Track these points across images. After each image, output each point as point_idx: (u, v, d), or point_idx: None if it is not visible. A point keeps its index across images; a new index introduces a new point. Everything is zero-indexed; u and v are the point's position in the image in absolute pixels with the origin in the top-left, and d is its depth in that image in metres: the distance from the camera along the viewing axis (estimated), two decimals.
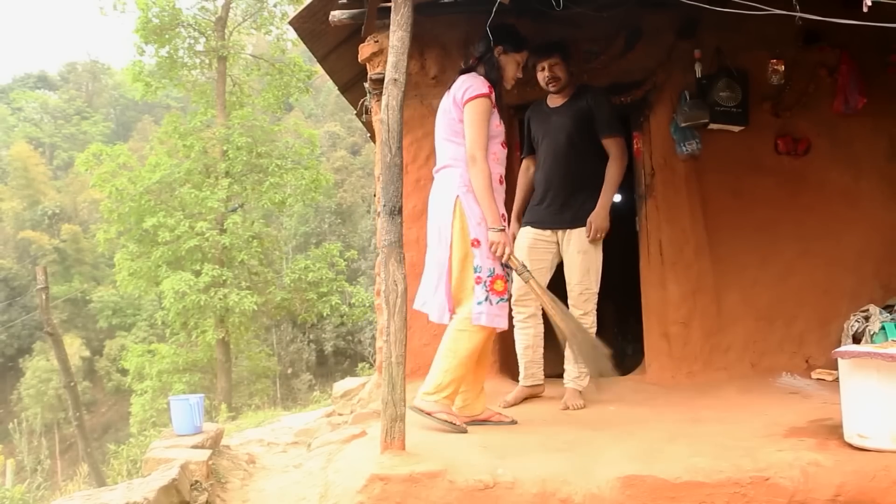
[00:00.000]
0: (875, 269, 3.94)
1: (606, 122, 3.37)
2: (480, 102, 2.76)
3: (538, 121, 3.53)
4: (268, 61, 16.22)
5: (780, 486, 2.16)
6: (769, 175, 3.97)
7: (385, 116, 2.39)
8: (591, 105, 3.37)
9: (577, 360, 2.99)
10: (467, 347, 2.72)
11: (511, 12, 3.68)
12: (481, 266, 2.72)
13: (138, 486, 2.13)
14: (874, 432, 2.29)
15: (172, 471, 2.24)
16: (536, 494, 2.13)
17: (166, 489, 2.13)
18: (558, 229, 3.37)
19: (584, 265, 3.29)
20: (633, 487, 2.15)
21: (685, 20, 3.85)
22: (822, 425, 2.64)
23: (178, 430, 2.96)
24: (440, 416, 2.67)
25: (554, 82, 3.39)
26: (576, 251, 3.30)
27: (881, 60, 3.90)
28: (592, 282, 3.31)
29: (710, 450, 2.37)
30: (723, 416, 2.97)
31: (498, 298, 2.73)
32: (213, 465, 2.67)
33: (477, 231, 2.73)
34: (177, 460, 2.37)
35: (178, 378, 14.67)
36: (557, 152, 3.38)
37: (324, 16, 4.05)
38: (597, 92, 3.47)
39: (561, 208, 3.35)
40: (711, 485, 2.16)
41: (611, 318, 6.11)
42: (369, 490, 2.18)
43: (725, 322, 3.89)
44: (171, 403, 3.01)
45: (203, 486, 2.36)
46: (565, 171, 3.36)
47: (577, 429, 2.81)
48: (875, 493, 2.16)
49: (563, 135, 3.37)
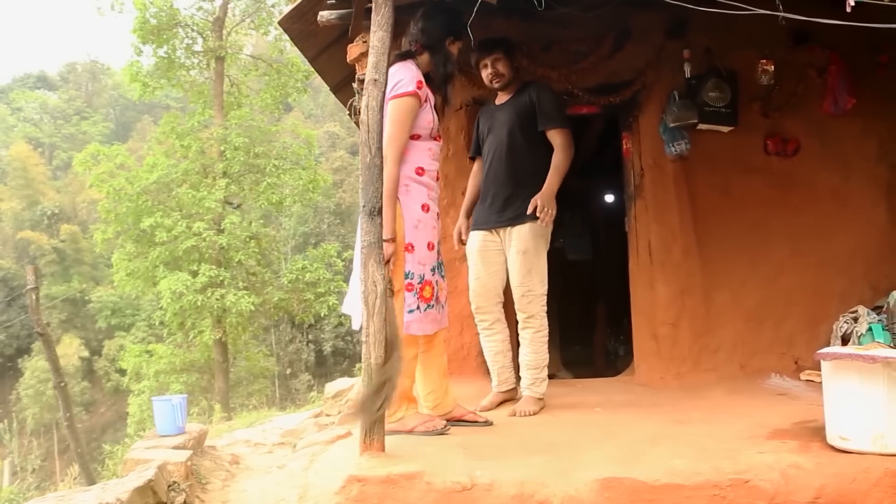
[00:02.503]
0: (865, 270, 3.93)
1: (548, 113, 3.24)
2: (406, 102, 2.62)
3: (485, 120, 3.46)
4: (265, 61, 16.21)
5: (760, 489, 2.15)
6: (758, 175, 3.96)
7: (365, 117, 2.38)
8: (534, 98, 3.25)
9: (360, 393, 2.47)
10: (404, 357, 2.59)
11: (499, 13, 3.70)
12: (413, 272, 2.65)
13: (113, 486, 2.12)
14: (855, 434, 2.29)
15: (149, 471, 2.23)
16: (514, 496, 2.12)
17: (141, 490, 2.12)
18: (500, 228, 3.27)
19: (526, 265, 3.16)
20: (612, 490, 2.14)
21: (674, 20, 3.84)
22: (805, 427, 2.63)
23: (160, 431, 2.96)
24: (419, 430, 2.64)
25: (497, 79, 3.32)
26: (516, 251, 3.19)
27: (871, 61, 3.89)
28: (536, 283, 3.17)
29: (691, 452, 2.36)
30: (708, 418, 2.96)
31: (426, 305, 2.67)
32: (195, 465, 2.66)
33: (413, 235, 2.66)
34: (154, 461, 2.36)
35: (175, 378, 14.65)
36: (500, 149, 3.29)
37: (313, 16, 4.03)
38: (539, 85, 3.37)
39: (502, 206, 3.24)
40: (690, 487, 2.15)
41: (603, 319, 6.13)
42: (347, 491, 2.17)
43: (714, 323, 3.88)
44: (153, 404, 3.00)
45: (181, 487, 2.35)
46: (507, 168, 3.26)
47: (559, 430, 2.80)
48: (855, 496, 2.15)
49: (504, 131, 3.27)
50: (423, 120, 2.71)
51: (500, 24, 3.77)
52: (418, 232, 2.67)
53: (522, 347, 3.23)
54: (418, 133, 2.71)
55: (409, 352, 2.68)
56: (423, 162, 2.72)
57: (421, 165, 2.71)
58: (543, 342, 3.21)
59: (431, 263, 2.73)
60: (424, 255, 2.69)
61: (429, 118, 2.73)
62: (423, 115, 2.71)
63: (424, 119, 2.71)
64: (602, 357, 5.95)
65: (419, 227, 2.68)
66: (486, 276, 3.30)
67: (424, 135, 2.74)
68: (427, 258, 2.70)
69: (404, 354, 2.60)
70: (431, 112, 2.75)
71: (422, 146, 2.73)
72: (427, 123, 2.72)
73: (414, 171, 2.70)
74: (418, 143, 2.72)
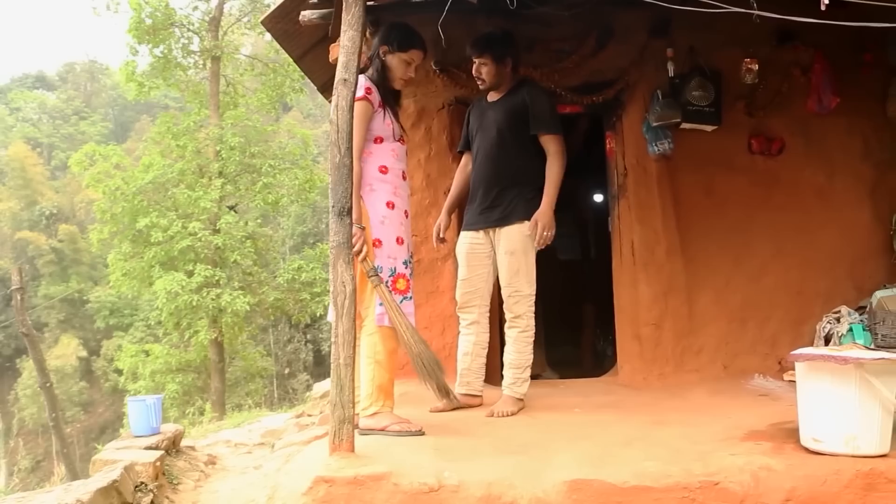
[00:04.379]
0: (849, 270, 3.92)
1: (541, 118, 3.18)
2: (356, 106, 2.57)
3: (475, 116, 3.41)
4: (262, 61, 16.20)
5: (730, 491, 2.13)
6: (742, 175, 3.95)
7: (334, 117, 2.37)
8: (527, 100, 3.20)
9: (421, 380, 2.80)
10: (383, 350, 2.68)
11: (481, 12, 3.68)
12: (383, 266, 2.70)
13: (76, 487, 2.11)
14: (828, 436, 2.27)
15: (114, 472, 2.22)
16: (481, 498, 2.10)
17: (105, 491, 2.10)
18: (489, 228, 3.24)
19: (513, 266, 3.15)
20: (580, 492, 2.12)
21: (658, 19, 3.82)
22: (781, 429, 2.61)
23: (134, 432, 2.94)
24: (392, 429, 2.62)
25: (479, 81, 3.30)
26: (504, 251, 3.17)
27: (855, 60, 3.88)
28: (523, 283, 3.15)
29: (663, 453, 2.34)
30: (686, 419, 2.94)
31: (401, 297, 2.71)
32: (167, 466, 2.65)
33: (379, 231, 2.71)
34: (122, 462, 2.35)
35: (171, 378, 14.65)
36: (488, 148, 3.26)
37: (296, 16, 4.02)
38: (534, 86, 3.32)
39: (490, 207, 3.22)
40: (660, 489, 2.13)
41: (592, 319, 6.11)
42: (314, 492, 2.15)
43: (697, 323, 3.87)
44: (128, 404, 2.99)
45: (148, 488, 2.33)
46: (495, 167, 3.23)
47: (535, 431, 2.79)
48: (826, 498, 2.13)
49: (494, 130, 3.24)
50: (379, 123, 2.80)
51: (482, 24, 3.76)
52: (385, 227, 2.73)
53: (507, 346, 3.22)
54: (380, 136, 2.81)
55: (389, 344, 2.71)
56: (386, 161, 2.81)
57: (384, 164, 2.80)
58: (528, 342, 3.19)
59: (403, 257, 2.78)
60: (394, 249, 2.74)
61: (387, 122, 2.83)
62: (378, 119, 2.80)
63: (381, 122, 2.80)
64: (590, 358, 5.94)
65: (385, 223, 2.73)
66: (473, 277, 3.29)
67: (386, 137, 2.82)
68: (397, 252, 2.75)
69: (385, 346, 2.69)
70: (388, 117, 2.84)
71: (385, 147, 2.82)
72: (385, 126, 2.82)
73: (377, 169, 2.78)
74: (381, 146, 2.81)
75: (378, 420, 2.65)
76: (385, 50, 2.88)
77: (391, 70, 2.88)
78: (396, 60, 2.88)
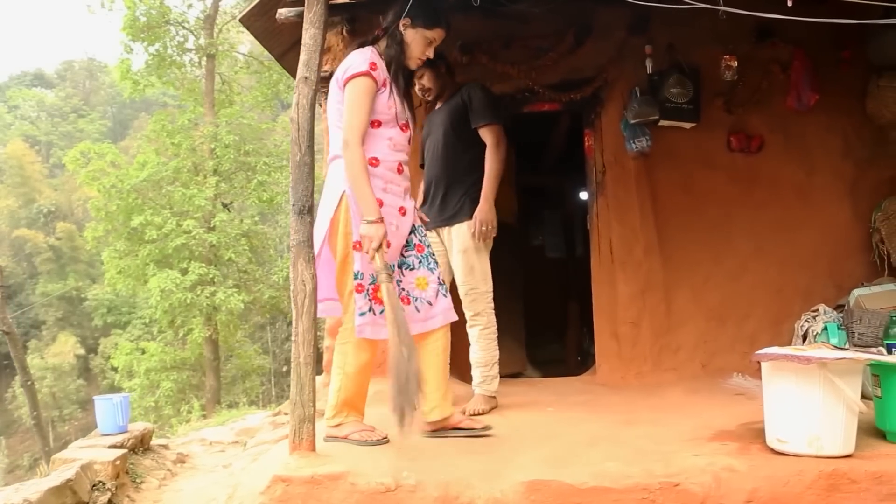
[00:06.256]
0: (828, 268, 3.90)
1: (478, 111, 3.18)
2: (359, 82, 2.41)
3: (426, 125, 3.42)
4: (256, 59, 16.17)
5: (690, 492, 2.12)
6: (721, 172, 3.93)
7: (295, 115, 2.35)
8: (465, 98, 3.22)
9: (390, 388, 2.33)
10: (354, 363, 2.49)
11: (457, 9, 3.65)
12: (363, 272, 2.41)
13: (28, 487, 2.08)
14: (792, 436, 2.26)
15: (69, 471, 2.20)
16: (438, 498, 2.09)
17: (58, 490, 2.08)
18: (440, 228, 3.25)
19: (467, 264, 3.14)
20: (538, 493, 2.10)
21: (636, 16, 3.80)
22: (750, 429, 2.59)
23: (101, 430, 2.93)
24: (353, 437, 2.50)
25: (426, 93, 3.29)
26: (457, 250, 3.18)
27: (834, 57, 3.85)
28: (479, 281, 3.14)
29: (626, 454, 2.33)
30: (657, 418, 2.92)
31: (381, 308, 2.40)
32: (132, 464, 2.63)
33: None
34: (79, 460, 2.33)
35: (165, 376, 14.66)
36: (436, 151, 3.29)
37: (275, 14, 4.00)
38: (472, 86, 3.30)
39: (440, 207, 3.23)
40: (619, 490, 2.11)
41: (576, 318, 6.09)
42: (271, 491, 2.14)
43: (675, 322, 3.85)
44: (94, 403, 2.98)
45: (106, 487, 2.31)
46: (442, 168, 3.25)
47: (502, 430, 2.76)
48: (788, 499, 2.12)
49: (440, 131, 3.27)
50: (382, 104, 2.47)
51: (460, 21, 3.72)
52: None
53: (472, 346, 3.20)
54: (378, 119, 2.47)
55: (361, 357, 2.50)
56: (378, 152, 2.48)
57: (375, 156, 2.47)
58: (492, 339, 3.18)
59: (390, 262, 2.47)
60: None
61: (390, 103, 2.49)
62: (382, 99, 2.47)
63: (384, 103, 2.48)
64: (574, 356, 5.92)
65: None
66: None
67: (386, 121, 2.50)
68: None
69: (357, 360, 2.50)
70: (393, 97, 2.51)
71: (380, 134, 2.49)
72: (388, 108, 2.49)
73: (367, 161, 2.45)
74: (377, 132, 2.48)
75: (340, 429, 2.54)
76: (407, 23, 2.54)
77: (408, 46, 2.56)
78: (419, 37, 2.56)
